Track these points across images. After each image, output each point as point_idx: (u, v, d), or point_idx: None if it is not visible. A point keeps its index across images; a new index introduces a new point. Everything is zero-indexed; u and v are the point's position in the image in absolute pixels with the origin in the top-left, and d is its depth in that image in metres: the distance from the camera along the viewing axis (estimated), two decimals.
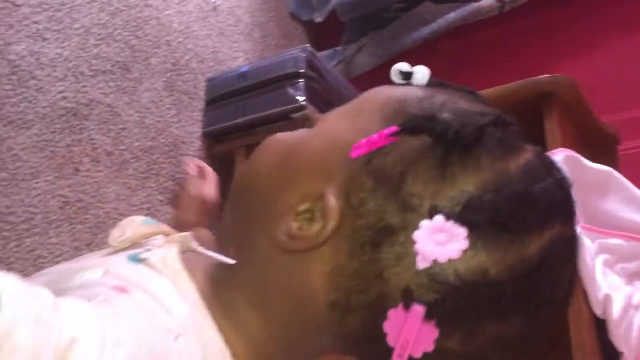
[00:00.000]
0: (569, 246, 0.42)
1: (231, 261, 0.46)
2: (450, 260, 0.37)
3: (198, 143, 1.50)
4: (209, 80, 1.56)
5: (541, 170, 0.41)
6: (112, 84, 1.31)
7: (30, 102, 1.13)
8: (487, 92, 1.12)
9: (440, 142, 0.39)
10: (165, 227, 0.53)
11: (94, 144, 1.24)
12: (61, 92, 1.19)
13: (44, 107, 1.16)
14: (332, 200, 0.40)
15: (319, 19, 1.95)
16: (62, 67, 1.21)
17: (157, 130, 1.40)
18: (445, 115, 0.41)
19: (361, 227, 0.39)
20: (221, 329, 0.42)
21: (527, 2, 1.59)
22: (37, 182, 1.11)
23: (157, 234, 0.51)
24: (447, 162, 0.39)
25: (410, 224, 0.38)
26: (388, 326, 0.38)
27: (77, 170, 1.20)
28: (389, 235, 0.38)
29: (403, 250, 0.38)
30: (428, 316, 0.38)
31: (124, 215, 1.21)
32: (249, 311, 0.44)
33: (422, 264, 0.38)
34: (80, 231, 1.17)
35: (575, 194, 1.03)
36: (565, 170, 1.03)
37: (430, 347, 0.38)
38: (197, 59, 1.56)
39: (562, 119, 1.14)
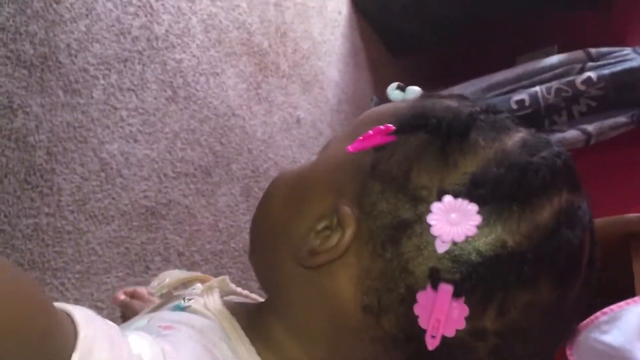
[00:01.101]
0: (582, 212, 0.42)
1: (260, 299, 0.51)
2: (467, 238, 0.38)
3: None
4: None
5: (538, 144, 0.42)
6: (192, 186, 1.35)
7: (113, 198, 1.18)
8: None
9: (436, 135, 0.42)
10: (201, 275, 0.56)
11: (167, 243, 1.27)
12: (144, 191, 1.24)
13: (126, 205, 1.20)
14: (346, 209, 0.42)
15: None
16: (148, 167, 1.26)
17: (229, 235, 1.41)
18: (437, 111, 0.43)
19: (378, 228, 0.41)
20: None
21: (615, 136, 1.56)
22: (108, 277, 1.13)
23: (194, 280, 0.54)
24: (446, 151, 0.41)
25: (424, 214, 0.40)
26: (418, 309, 0.39)
27: (147, 267, 1.21)
28: (405, 229, 0.40)
29: (422, 240, 0.39)
30: (456, 294, 0.38)
31: None
32: (287, 338, 0.45)
33: (441, 247, 0.39)
34: None
35: None
36: None
37: (461, 325, 0.39)
38: (276, 167, 1.60)
39: None
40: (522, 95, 1.67)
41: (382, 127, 0.43)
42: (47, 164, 1.08)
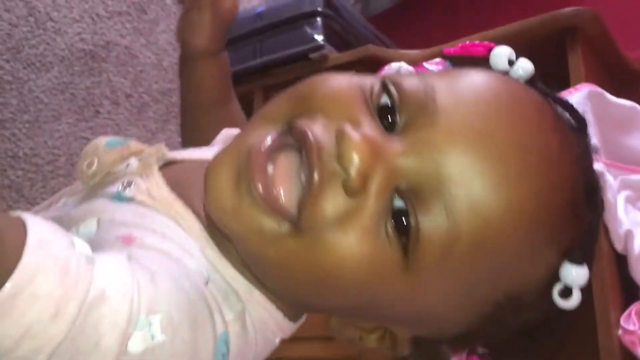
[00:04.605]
0: None
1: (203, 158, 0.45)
2: None
3: None
4: None
5: None
6: (128, 25, 1.30)
7: (48, 44, 1.13)
8: (508, 28, 1.10)
9: None
10: (133, 144, 0.48)
11: (112, 86, 1.24)
12: (79, 33, 1.19)
13: (62, 50, 1.16)
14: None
15: None
16: (78, 8, 1.20)
17: (174, 72, 1.39)
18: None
19: None
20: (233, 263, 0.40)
21: None
22: (59, 125, 1.12)
23: (127, 156, 0.46)
24: None
25: None
26: None
27: (97, 112, 1.20)
28: None
29: None
30: None
31: None
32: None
33: None
34: None
35: (598, 130, 1.01)
36: (589, 105, 1.01)
37: None
38: None
39: (586, 54, 1.11)
40: None
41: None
42: None
